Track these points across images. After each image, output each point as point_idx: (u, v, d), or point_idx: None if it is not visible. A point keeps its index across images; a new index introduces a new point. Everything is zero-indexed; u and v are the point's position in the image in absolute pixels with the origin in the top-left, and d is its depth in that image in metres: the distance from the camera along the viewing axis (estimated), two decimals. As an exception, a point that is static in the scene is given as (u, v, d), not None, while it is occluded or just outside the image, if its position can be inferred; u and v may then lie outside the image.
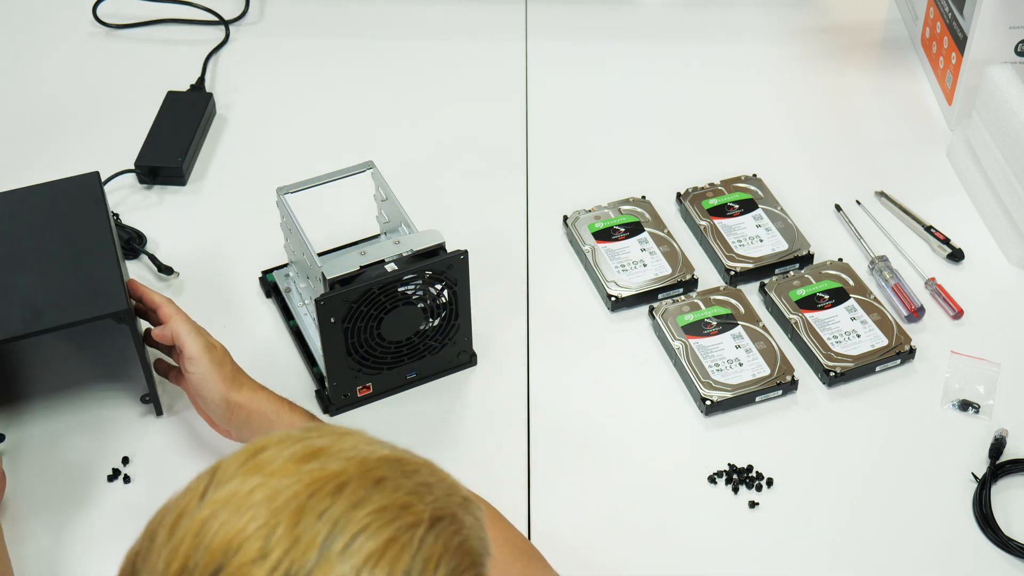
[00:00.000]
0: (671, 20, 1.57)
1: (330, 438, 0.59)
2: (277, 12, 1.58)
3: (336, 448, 0.58)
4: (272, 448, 0.58)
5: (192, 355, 0.98)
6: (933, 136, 1.38)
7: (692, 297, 1.15)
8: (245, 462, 0.57)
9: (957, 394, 1.09)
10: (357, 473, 0.56)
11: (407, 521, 0.55)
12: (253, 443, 0.59)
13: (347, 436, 0.60)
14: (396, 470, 0.58)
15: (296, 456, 0.57)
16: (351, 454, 0.58)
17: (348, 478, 0.56)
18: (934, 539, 0.99)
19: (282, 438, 0.59)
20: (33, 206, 1.11)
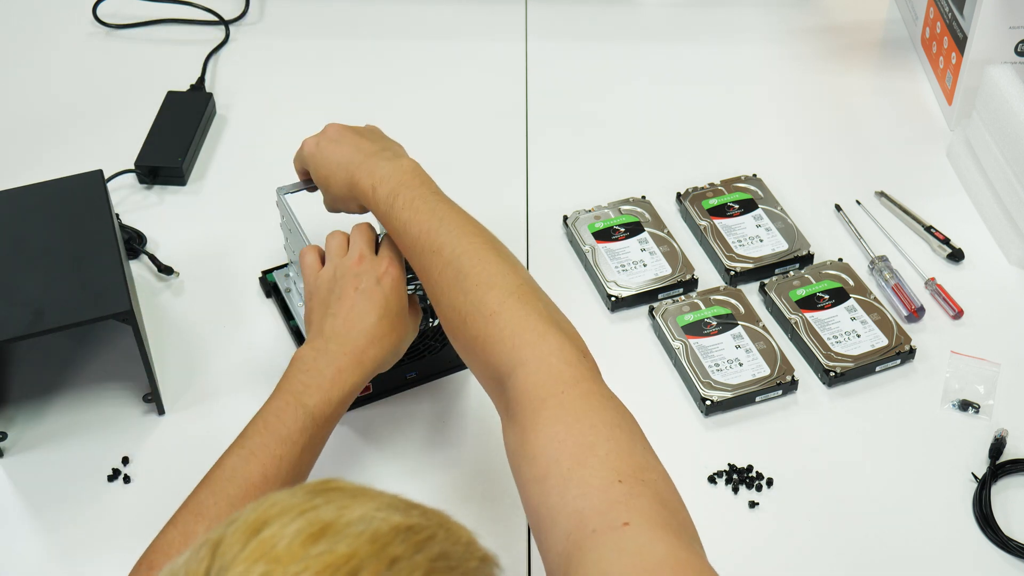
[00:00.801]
0: (671, 20, 1.57)
1: (337, 505, 0.55)
2: (277, 12, 1.58)
3: (344, 521, 0.54)
4: (275, 523, 0.53)
5: None
6: (933, 136, 1.38)
7: (692, 297, 1.15)
8: (247, 542, 0.53)
9: (957, 394, 1.09)
10: (368, 554, 0.52)
11: None
12: (254, 512, 0.55)
13: (356, 500, 0.55)
14: (410, 544, 0.54)
15: (302, 535, 0.53)
16: (360, 528, 0.53)
17: (360, 562, 0.52)
18: (934, 539, 0.99)
19: (285, 508, 0.55)
20: (35, 205, 1.11)
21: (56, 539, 0.99)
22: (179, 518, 0.87)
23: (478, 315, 0.84)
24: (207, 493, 0.88)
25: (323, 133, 1.06)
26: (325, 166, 1.02)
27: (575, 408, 0.77)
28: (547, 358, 0.80)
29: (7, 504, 1.01)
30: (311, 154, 1.04)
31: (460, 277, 0.87)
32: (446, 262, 0.89)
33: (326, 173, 1.02)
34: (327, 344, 0.95)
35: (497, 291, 0.85)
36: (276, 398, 0.93)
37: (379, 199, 0.96)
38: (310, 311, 1.00)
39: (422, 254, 0.91)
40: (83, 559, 0.98)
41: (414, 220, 0.93)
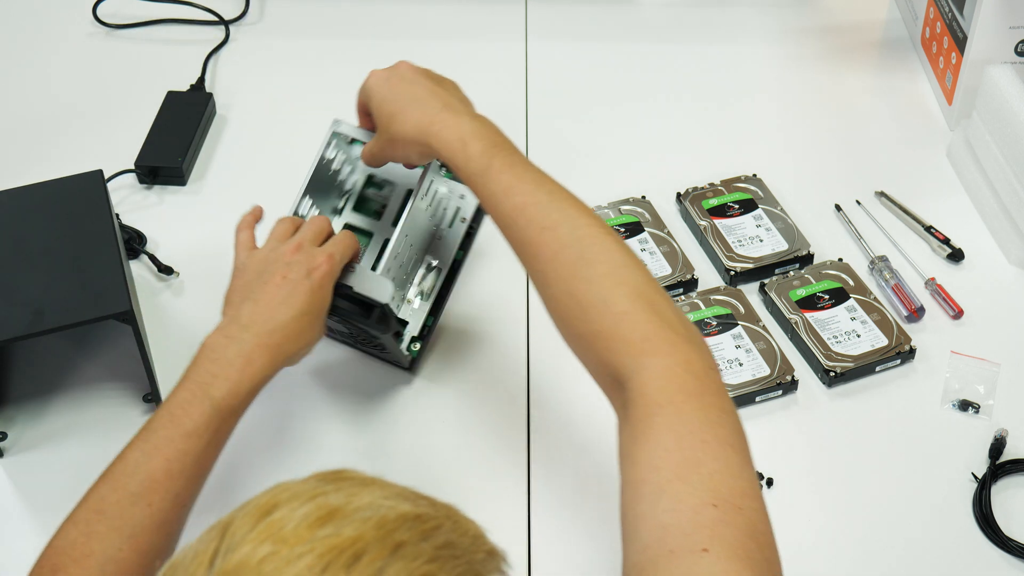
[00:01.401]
0: (671, 20, 1.57)
1: (346, 493, 0.55)
2: (277, 12, 1.58)
3: (352, 507, 0.54)
4: (284, 507, 0.54)
5: None
6: (933, 136, 1.38)
7: (692, 297, 1.15)
8: (256, 524, 0.53)
9: (957, 394, 1.09)
10: (374, 539, 0.53)
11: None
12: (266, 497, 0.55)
13: (365, 490, 0.56)
14: (416, 531, 0.54)
15: (310, 519, 0.53)
16: (368, 514, 0.54)
17: (365, 545, 0.52)
18: (934, 539, 0.99)
19: (295, 493, 0.55)
20: (35, 205, 1.11)
21: (56, 539, 0.99)
22: (79, 515, 0.83)
23: (605, 311, 0.78)
24: (108, 489, 0.84)
25: (394, 69, 0.98)
26: (394, 102, 0.94)
27: (691, 420, 0.73)
28: (674, 367, 0.76)
29: (7, 504, 1.01)
30: (377, 87, 0.97)
31: (582, 263, 0.80)
32: (563, 244, 0.81)
33: (393, 110, 0.94)
34: (241, 332, 0.90)
35: (627, 288, 0.79)
36: (182, 388, 0.88)
37: (471, 155, 0.87)
38: (231, 291, 0.95)
39: (528, 227, 0.84)
40: (83, 559, 0.98)
41: (518, 188, 0.85)
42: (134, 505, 0.82)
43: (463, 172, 0.89)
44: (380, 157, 0.99)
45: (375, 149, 0.98)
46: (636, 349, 0.76)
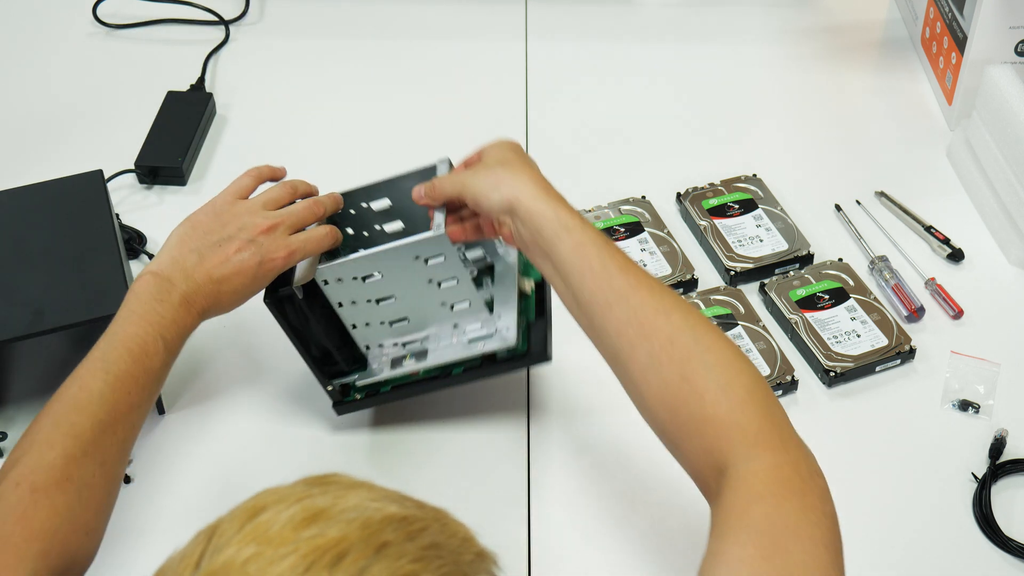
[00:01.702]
0: (671, 20, 1.57)
1: (333, 495, 0.55)
2: (277, 12, 1.58)
3: (338, 509, 0.54)
4: (271, 509, 0.55)
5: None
6: (933, 136, 1.38)
7: (692, 297, 1.15)
8: (243, 526, 0.54)
9: (957, 394, 1.09)
10: (359, 539, 0.53)
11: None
12: (254, 500, 0.56)
13: (352, 492, 0.56)
14: (401, 532, 0.54)
15: (295, 520, 0.54)
16: (353, 515, 0.54)
17: (348, 546, 0.52)
18: (934, 539, 0.99)
19: (282, 496, 0.56)
20: (35, 205, 1.11)
21: (56, 539, 0.99)
22: (54, 438, 0.83)
23: (723, 397, 0.78)
24: (79, 416, 0.84)
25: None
26: (512, 162, 0.91)
27: (790, 515, 0.73)
28: (783, 464, 0.76)
29: (7, 504, 1.01)
30: (511, 150, 0.93)
31: (700, 350, 0.80)
32: (679, 328, 0.81)
33: (507, 164, 0.91)
34: (184, 280, 0.92)
35: (745, 379, 0.79)
36: (135, 324, 0.89)
37: (569, 226, 0.85)
38: (194, 224, 0.96)
39: (642, 307, 0.82)
40: (83, 559, 0.98)
41: (629, 267, 0.85)
42: (104, 434, 0.84)
43: (555, 239, 0.86)
44: (448, 189, 0.93)
45: (450, 180, 0.93)
46: (750, 439, 0.76)
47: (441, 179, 0.93)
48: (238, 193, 0.98)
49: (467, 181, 0.90)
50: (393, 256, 0.93)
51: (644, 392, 0.81)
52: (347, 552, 0.52)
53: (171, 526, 0.99)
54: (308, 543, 0.52)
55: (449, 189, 0.92)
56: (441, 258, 0.93)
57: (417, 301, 0.97)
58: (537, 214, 0.86)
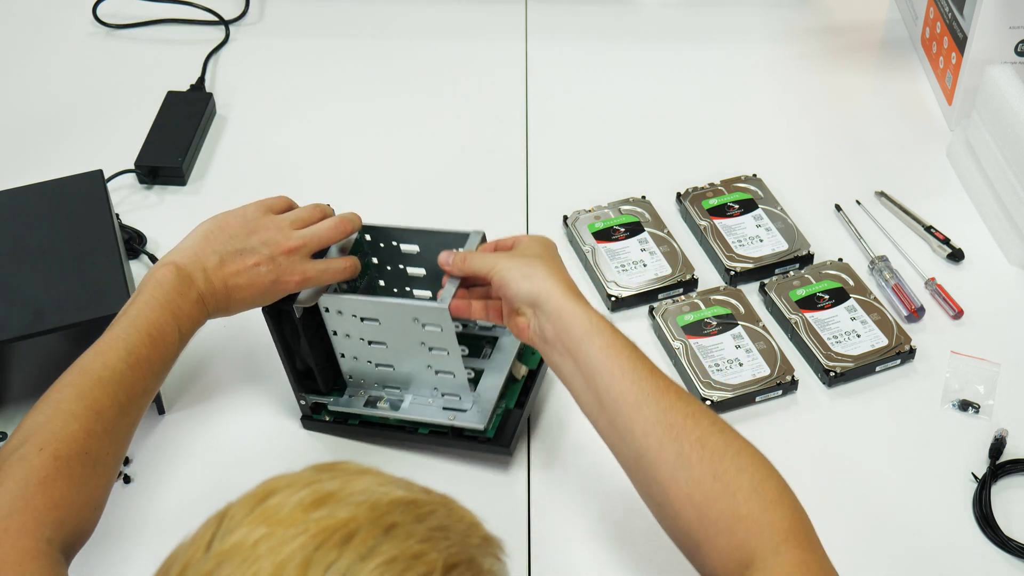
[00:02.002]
0: (671, 20, 1.57)
1: (341, 480, 0.57)
2: (277, 12, 1.58)
3: (346, 492, 0.56)
4: (281, 493, 0.56)
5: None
6: (933, 136, 1.38)
7: (692, 297, 1.15)
8: (252, 509, 0.55)
9: (957, 394, 1.09)
10: (367, 520, 0.54)
11: (419, 572, 0.53)
12: (263, 486, 0.57)
13: (360, 477, 0.57)
14: (409, 514, 0.55)
15: (304, 503, 0.55)
16: (362, 498, 0.55)
17: (357, 526, 0.54)
18: (934, 539, 0.99)
19: (292, 481, 0.57)
20: (35, 205, 1.11)
21: (56, 539, 0.99)
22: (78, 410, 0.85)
23: (755, 496, 0.80)
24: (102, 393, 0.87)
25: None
26: (548, 259, 0.93)
27: None
28: (810, 563, 0.78)
29: (7, 504, 1.01)
30: (546, 247, 0.95)
31: (731, 452, 0.82)
32: (708, 431, 0.83)
33: (540, 259, 0.93)
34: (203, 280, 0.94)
35: (775, 482, 0.82)
36: (156, 311, 0.91)
37: (598, 328, 0.87)
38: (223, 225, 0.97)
39: (671, 410, 0.84)
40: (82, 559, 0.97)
41: (657, 371, 0.87)
42: (121, 414, 0.88)
43: (585, 338, 0.87)
44: (477, 265, 0.93)
45: (481, 258, 0.93)
46: (780, 536, 0.79)
47: (473, 255, 0.94)
48: (272, 208, 0.99)
49: (499, 264, 0.91)
50: (395, 310, 0.96)
51: (671, 491, 0.82)
52: (356, 532, 0.53)
53: (171, 526, 0.98)
54: (317, 524, 0.53)
55: (478, 266, 0.93)
56: (438, 328, 0.95)
57: (406, 356, 0.99)
58: (567, 312, 0.87)
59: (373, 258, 1.05)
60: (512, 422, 1.02)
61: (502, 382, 1.02)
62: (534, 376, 1.06)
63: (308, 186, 1.32)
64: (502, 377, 1.03)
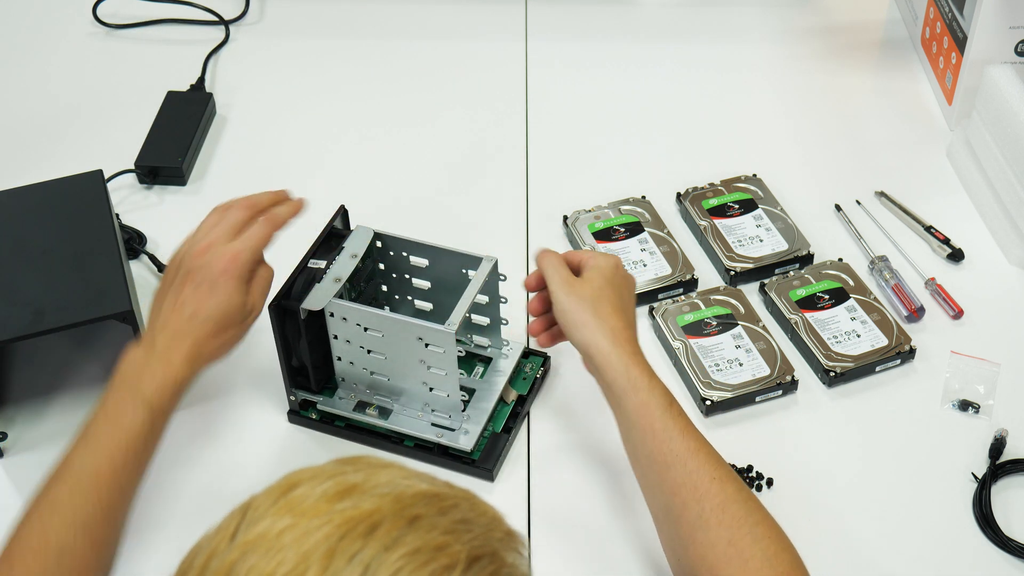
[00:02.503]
0: (671, 20, 1.57)
1: (365, 473, 0.57)
2: (277, 12, 1.58)
3: (371, 484, 0.56)
4: (305, 485, 0.56)
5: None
6: (933, 136, 1.38)
7: (692, 297, 1.15)
8: (277, 500, 0.56)
9: (957, 394, 1.09)
10: (391, 512, 0.55)
11: (442, 563, 0.53)
12: (287, 478, 0.58)
13: (383, 470, 0.58)
14: (433, 507, 0.56)
15: (329, 494, 0.55)
16: (386, 490, 0.56)
17: (381, 517, 0.54)
18: (934, 539, 0.99)
19: (315, 473, 0.57)
20: (35, 205, 1.11)
21: (56, 539, 0.99)
22: (33, 513, 0.85)
23: (767, 566, 0.83)
24: (59, 486, 0.85)
25: (619, 270, 0.99)
26: (603, 302, 0.96)
27: None
28: None
29: (7, 504, 1.01)
30: (606, 275, 0.97)
31: (749, 521, 0.85)
32: (731, 497, 0.86)
33: (597, 304, 0.96)
34: (156, 338, 0.90)
35: (789, 555, 0.85)
36: (114, 391, 0.89)
37: (639, 386, 0.90)
38: (160, 288, 0.94)
39: (698, 472, 0.87)
40: (83, 559, 0.98)
41: (689, 431, 0.89)
42: (85, 499, 0.85)
43: (623, 395, 0.91)
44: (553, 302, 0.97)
45: (557, 299, 0.96)
46: None
47: (547, 267, 0.98)
48: (193, 236, 0.95)
49: (561, 307, 0.95)
50: (400, 326, 0.97)
51: (688, 548, 0.85)
52: (380, 523, 0.54)
53: (171, 526, 0.99)
54: (342, 514, 0.54)
55: (546, 278, 0.98)
56: (440, 350, 0.96)
57: (403, 369, 1.00)
58: (609, 369, 0.91)
59: (380, 264, 1.06)
60: (498, 446, 1.03)
61: (492, 406, 1.04)
62: (523, 401, 1.07)
63: (308, 186, 1.32)
64: (493, 400, 1.04)
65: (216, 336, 0.92)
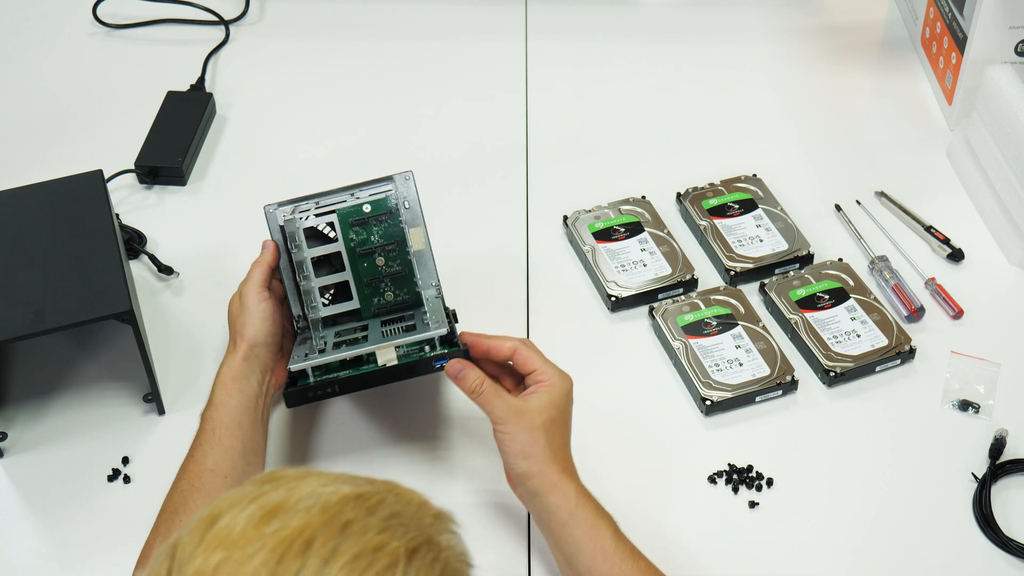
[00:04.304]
0: (671, 20, 1.57)
1: (286, 488, 0.57)
2: (277, 12, 1.58)
3: (294, 499, 0.56)
4: (228, 514, 0.55)
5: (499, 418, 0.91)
6: (933, 136, 1.38)
7: (692, 297, 1.15)
8: (203, 536, 0.55)
9: (957, 394, 1.09)
10: (321, 523, 0.54)
11: (383, 564, 0.54)
12: (207, 511, 0.56)
13: (303, 480, 0.57)
14: (360, 509, 0.56)
15: (255, 519, 0.55)
16: (310, 502, 0.55)
17: (314, 532, 0.54)
18: (934, 539, 0.99)
19: (235, 499, 0.56)
20: (36, 205, 1.11)
21: (56, 539, 0.99)
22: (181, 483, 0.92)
23: None
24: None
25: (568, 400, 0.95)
26: (543, 440, 0.92)
27: None
28: None
29: (7, 504, 1.01)
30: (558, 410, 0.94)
31: None
32: None
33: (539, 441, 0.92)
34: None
35: None
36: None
37: (585, 513, 0.90)
38: None
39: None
40: (83, 559, 0.98)
41: (636, 552, 0.90)
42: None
43: (569, 522, 0.90)
44: (486, 407, 0.93)
45: (494, 404, 0.92)
46: None
47: (487, 388, 0.93)
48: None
49: (503, 428, 0.91)
50: None
51: None
52: (314, 537, 0.54)
53: (171, 526, 0.99)
54: (273, 537, 0.54)
55: (485, 400, 0.93)
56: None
57: None
58: (555, 495, 0.89)
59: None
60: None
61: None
62: None
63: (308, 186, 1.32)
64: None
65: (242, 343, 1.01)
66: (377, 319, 1.05)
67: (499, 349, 0.95)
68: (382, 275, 1.05)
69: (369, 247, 1.05)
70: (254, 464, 0.98)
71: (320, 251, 1.05)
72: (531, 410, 0.92)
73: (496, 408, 0.92)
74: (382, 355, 0.97)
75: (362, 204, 1.04)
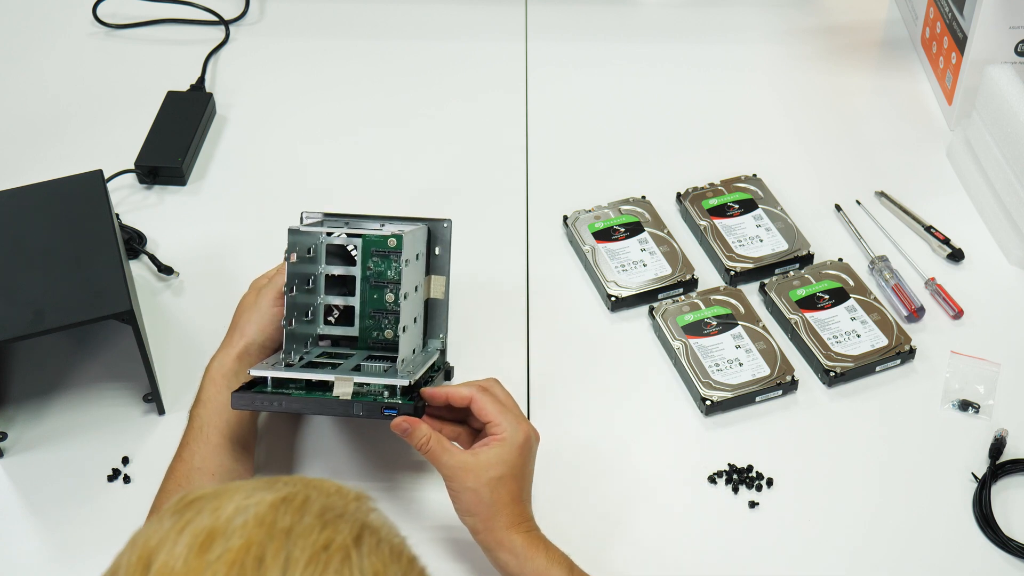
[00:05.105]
0: (671, 20, 1.57)
1: (209, 510, 0.55)
2: (277, 12, 1.58)
3: (224, 519, 0.54)
4: (161, 551, 0.53)
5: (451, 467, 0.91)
6: (933, 136, 1.38)
7: (692, 297, 1.15)
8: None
9: (957, 394, 1.09)
10: (264, 536, 0.53)
11: (338, 559, 0.53)
12: (135, 553, 0.54)
13: (222, 498, 0.56)
14: (292, 511, 0.55)
15: (194, 548, 0.53)
16: (242, 518, 0.54)
17: (260, 546, 0.53)
18: (934, 539, 0.99)
19: (162, 537, 0.54)
20: (35, 205, 1.11)
21: (56, 539, 0.99)
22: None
23: None
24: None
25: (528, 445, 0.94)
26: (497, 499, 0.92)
27: None
28: None
29: (7, 504, 1.01)
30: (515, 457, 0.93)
31: None
32: None
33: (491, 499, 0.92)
34: None
35: None
36: None
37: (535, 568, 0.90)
38: None
39: None
40: (83, 559, 0.98)
41: None
42: None
43: (518, 574, 0.90)
44: (432, 456, 0.93)
45: (441, 454, 0.92)
46: None
47: (434, 446, 0.92)
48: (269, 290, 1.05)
49: (450, 484, 0.92)
50: None
51: None
52: (263, 552, 0.53)
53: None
54: (221, 562, 0.52)
55: (433, 457, 0.92)
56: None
57: None
58: (501, 558, 0.90)
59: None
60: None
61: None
62: None
63: (308, 186, 1.33)
64: None
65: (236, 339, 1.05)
66: (365, 352, 1.04)
67: (457, 397, 0.95)
68: (387, 311, 1.05)
69: (384, 280, 1.04)
70: (243, 462, 0.98)
71: (336, 270, 1.04)
72: (478, 466, 0.91)
73: (443, 465, 0.92)
74: (339, 386, 0.96)
75: (387, 237, 1.02)
